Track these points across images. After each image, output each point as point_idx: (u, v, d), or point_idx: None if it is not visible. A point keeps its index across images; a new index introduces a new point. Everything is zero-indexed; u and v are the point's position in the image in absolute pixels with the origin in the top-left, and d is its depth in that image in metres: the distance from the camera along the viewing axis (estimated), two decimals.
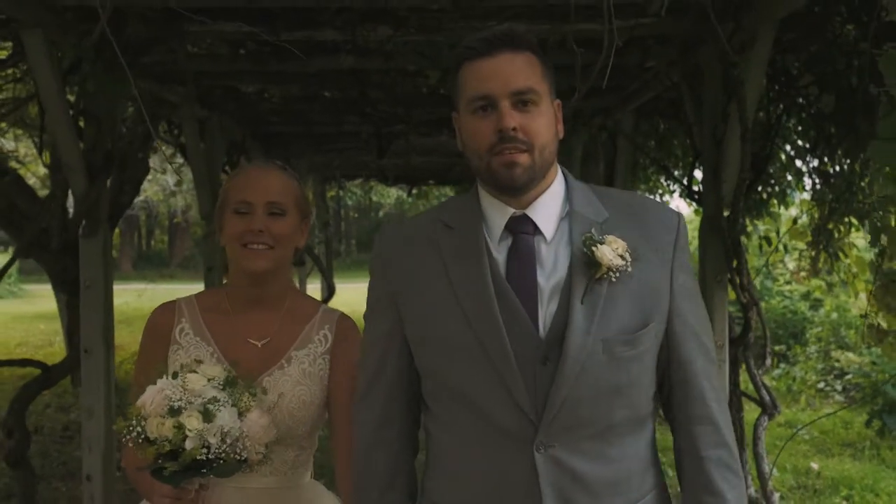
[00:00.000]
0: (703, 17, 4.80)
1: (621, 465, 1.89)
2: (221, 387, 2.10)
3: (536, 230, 1.90)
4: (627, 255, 1.83)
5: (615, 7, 3.94)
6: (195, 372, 2.13)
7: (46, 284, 24.79)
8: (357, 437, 2.07)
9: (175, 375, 2.11)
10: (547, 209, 1.92)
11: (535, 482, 1.83)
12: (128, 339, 12.15)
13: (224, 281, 8.97)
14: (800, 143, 6.51)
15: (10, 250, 28.86)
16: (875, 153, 2.24)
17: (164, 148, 10.05)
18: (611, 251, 1.82)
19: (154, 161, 11.89)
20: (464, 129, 1.92)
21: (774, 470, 6.25)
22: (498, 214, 1.92)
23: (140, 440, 2.01)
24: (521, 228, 1.90)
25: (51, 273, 9.57)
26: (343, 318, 2.44)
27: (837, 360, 9.40)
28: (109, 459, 5.32)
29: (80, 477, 6.67)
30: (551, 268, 1.88)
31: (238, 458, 2.06)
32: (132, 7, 4.63)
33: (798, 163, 6.56)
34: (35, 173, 12.83)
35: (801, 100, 5.69)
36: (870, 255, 4.60)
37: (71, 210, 7.67)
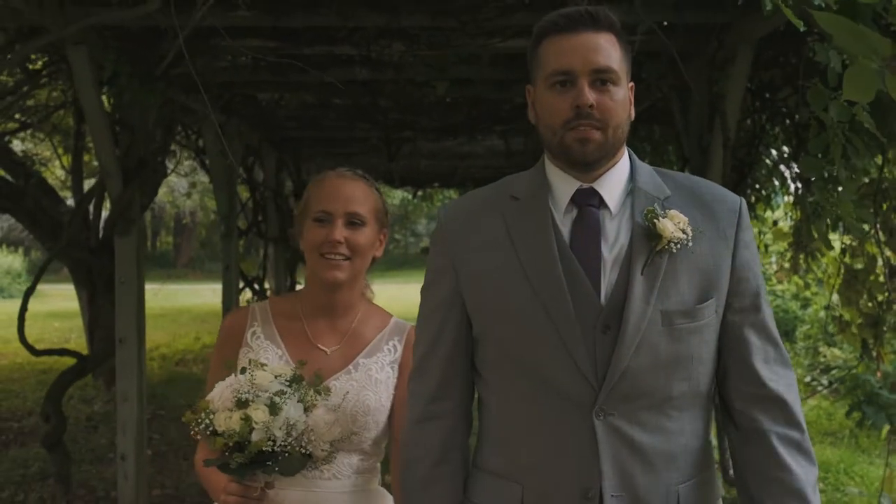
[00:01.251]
0: (689, 36, 5.26)
1: (679, 439, 1.89)
2: (288, 383, 2.13)
3: (602, 203, 1.92)
4: (689, 230, 1.86)
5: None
6: (263, 369, 2.16)
7: (55, 284, 25.26)
8: (410, 410, 2.06)
9: (243, 371, 2.15)
10: (613, 184, 1.94)
11: (595, 449, 1.85)
12: (151, 335, 12.56)
13: (240, 285, 9.34)
14: (785, 149, 6.94)
15: (21, 250, 29.39)
16: (804, 165, 2.63)
17: (183, 153, 10.52)
18: (672, 224, 1.85)
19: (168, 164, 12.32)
20: (539, 103, 1.93)
21: None
22: (565, 186, 1.94)
23: (208, 433, 2.06)
24: (588, 201, 1.92)
25: (74, 272, 10.00)
26: (414, 329, 2.36)
27: (824, 356, 9.82)
28: (141, 441, 5.76)
29: (107, 461, 7.16)
30: (614, 240, 1.90)
31: (303, 451, 2.10)
32: (180, 27, 5.04)
33: (782, 168, 6.97)
34: (52, 174, 13.23)
35: (784, 109, 6.11)
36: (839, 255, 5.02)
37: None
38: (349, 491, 2.33)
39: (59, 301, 21.20)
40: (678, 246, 1.85)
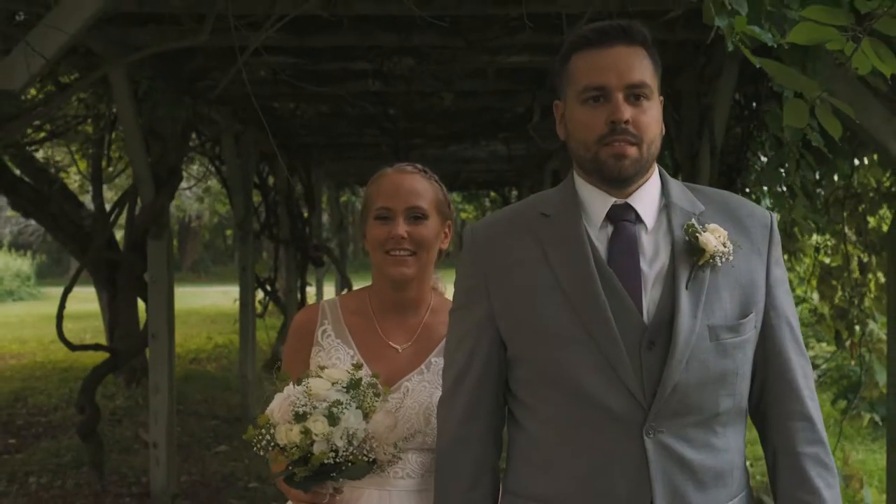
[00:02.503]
0: (680, 52, 5.70)
1: (725, 456, 1.86)
2: (345, 390, 2.09)
3: (638, 218, 1.89)
4: (729, 244, 1.83)
5: None
6: (319, 377, 2.13)
7: (60, 287, 25.64)
8: (441, 434, 2.02)
9: (299, 382, 2.12)
10: (647, 199, 1.90)
11: (645, 468, 1.80)
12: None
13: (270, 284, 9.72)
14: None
15: (29, 254, 29.81)
16: (764, 177, 3.04)
17: (200, 159, 10.96)
18: (714, 238, 1.82)
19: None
20: (571, 119, 1.89)
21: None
22: (598, 203, 1.90)
23: (271, 447, 2.04)
24: (623, 216, 1.88)
25: (94, 274, 10.41)
26: None
27: (811, 349, 10.22)
28: (172, 429, 6.19)
29: (133, 451, 7.59)
30: (652, 255, 1.87)
31: (367, 459, 2.07)
32: (214, 47, 5.47)
33: None
34: (69, 179, 13.65)
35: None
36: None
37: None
38: (422, 489, 2.27)
39: (70, 304, 21.56)
40: (722, 260, 1.83)
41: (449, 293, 2.34)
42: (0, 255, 28.69)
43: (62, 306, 6.44)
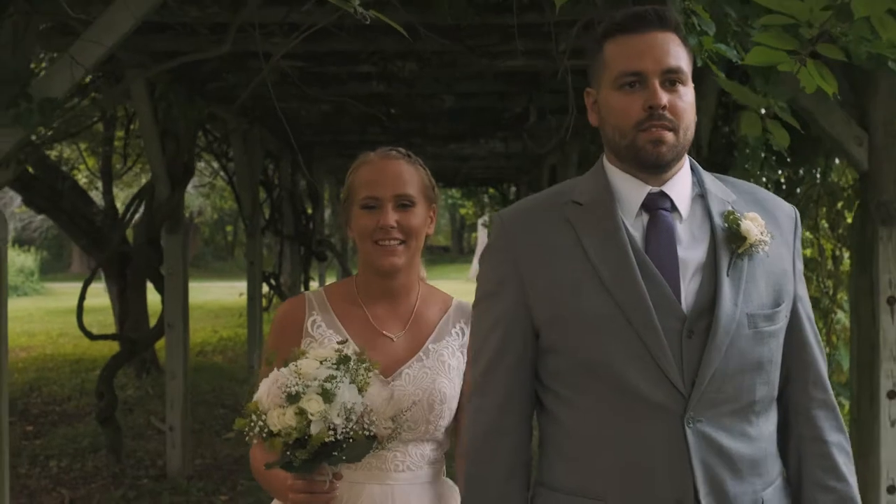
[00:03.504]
0: None
1: (760, 444, 1.85)
2: (335, 366, 1.99)
3: (673, 207, 1.87)
4: (766, 233, 1.84)
5: None
6: (305, 357, 2.03)
7: (63, 283, 25.92)
8: (475, 425, 1.96)
9: (285, 365, 2.01)
10: (681, 188, 1.89)
11: (686, 457, 1.78)
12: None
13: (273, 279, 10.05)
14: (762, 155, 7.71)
15: (32, 249, 30.12)
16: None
17: (206, 157, 11.27)
18: (755, 227, 1.82)
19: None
20: (606, 105, 1.86)
21: None
22: (633, 191, 1.88)
23: (264, 434, 1.94)
24: (659, 205, 1.86)
25: (105, 268, 10.74)
26: None
27: None
28: (187, 413, 6.54)
29: (146, 437, 7.93)
30: (690, 244, 1.85)
31: (367, 433, 1.98)
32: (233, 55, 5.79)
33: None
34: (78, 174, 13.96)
35: None
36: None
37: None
38: (423, 482, 2.24)
39: (69, 299, 21.88)
40: (764, 248, 1.83)
41: (432, 281, 2.37)
42: None
43: (82, 298, 6.79)
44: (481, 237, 32.02)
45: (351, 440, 1.94)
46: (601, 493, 1.83)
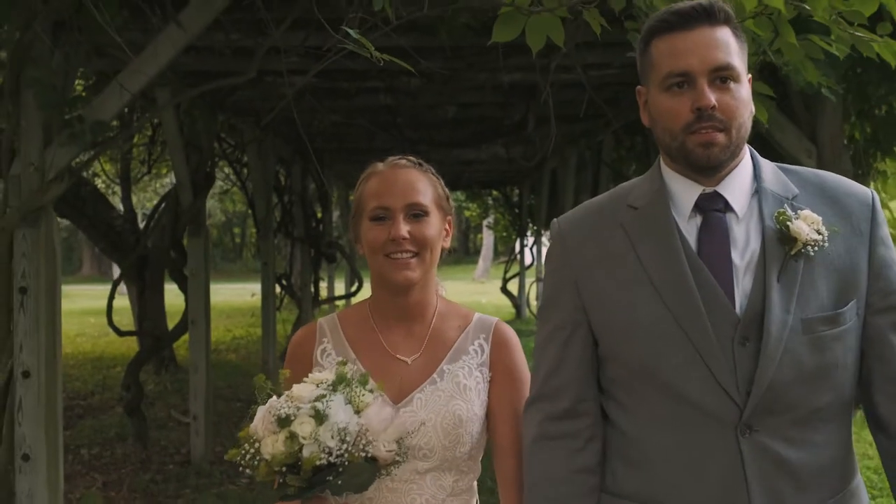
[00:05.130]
0: None
1: (827, 452, 1.77)
2: (331, 388, 1.90)
3: (727, 207, 1.80)
4: (823, 230, 1.74)
5: (590, 64, 5.69)
6: (303, 381, 1.94)
7: (75, 285, 26.34)
8: (531, 432, 1.92)
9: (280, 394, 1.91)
10: (737, 186, 1.81)
11: (740, 468, 1.72)
12: None
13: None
14: None
15: None
16: None
17: (222, 164, 11.79)
18: (806, 226, 1.74)
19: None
20: (655, 106, 1.81)
21: None
22: (686, 192, 1.82)
23: (256, 462, 1.85)
24: (712, 206, 1.80)
25: (125, 270, 11.26)
26: (500, 324, 2.20)
27: None
28: (209, 404, 7.04)
29: (168, 428, 8.43)
30: (744, 245, 1.79)
31: (364, 455, 1.85)
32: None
33: None
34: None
35: None
36: None
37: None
38: None
39: (85, 300, 22.40)
40: (815, 248, 1.74)
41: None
42: None
43: (111, 298, 7.29)
44: (486, 238, 32.55)
45: (347, 463, 1.83)
46: (659, 501, 1.80)
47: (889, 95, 5.13)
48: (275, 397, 1.89)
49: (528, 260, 18.85)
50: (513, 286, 18.34)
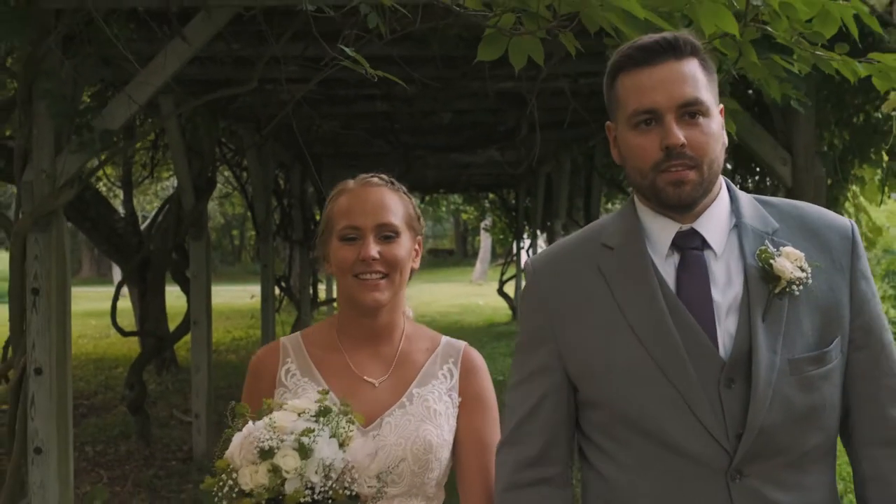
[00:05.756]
0: None
1: (816, 494, 1.73)
2: (314, 419, 1.85)
3: (705, 244, 1.76)
4: (806, 267, 1.70)
5: (581, 72, 5.92)
6: (283, 409, 1.88)
7: (74, 287, 26.36)
8: (502, 477, 1.87)
9: (259, 418, 1.86)
10: (715, 222, 1.77)
11: None
12: None
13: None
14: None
15: None
16: None
17: (221, 168, 12.00)
18: (790, 264, 1.69)
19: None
20: (624, 144, 1.76)
21: None
22: (662, 230, 1.78)
23: (234, 495, 1.78)
24: (690, 244, 1.76)
25: (126, 272, 11.46)
26: (469, 349, 2.17)
27: None
28: (211, 402, 7.24)
29: (170, 426, 8.63)
30: (725, 283, 1.74)
31: (348, 493, 1.82)
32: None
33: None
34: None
35: None
36: None
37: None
38: None
39: (85, 302, 22.57)
40: (800, 287, 1.69)
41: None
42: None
43: (115, 299, 7.49)
44: (484, 241, 32.77)
45: (331, 500, 1.79)
46: None
47: (866, 104, 5.36)
48: (251, 423, 1.84)
49: (524, 262, 19.03)
50: (509, 288, 18.55)
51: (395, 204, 2.10)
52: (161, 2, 4.14)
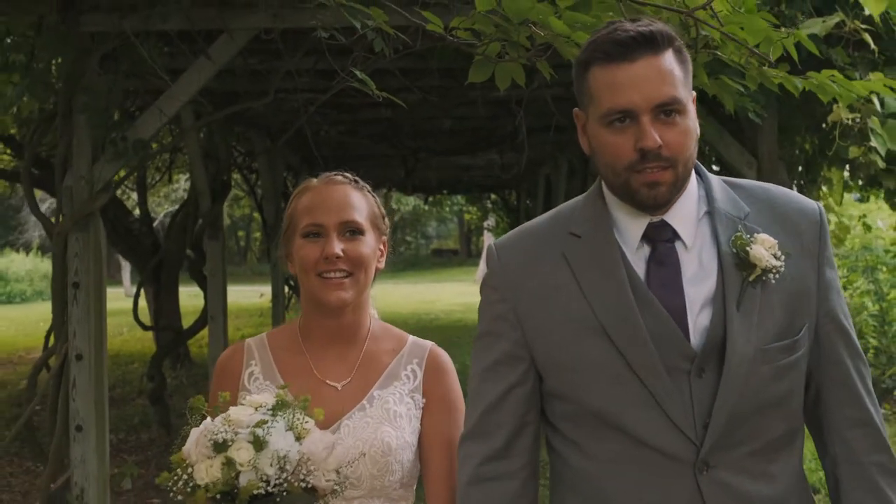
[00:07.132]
0: None
1: (783, 482, 1.72)
2: (272, 413, 1.83)
3: (676, 235, 1.72)
4: (781, 254, 1.68)
5: (571, 81, 6.40)
6: (241, 404, 1.87)
7: None
8: (465, 470, 1.81)
9: (217, 414, 1.84)
10: (684, 212, 1.73)
11: None
12: None
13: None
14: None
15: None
16: None
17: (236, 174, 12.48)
18: (765, 251, 1.67)
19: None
20: (595, 139, 1.70)
21: None
22: (632, 222, 1.73)
23: (189, 489, 1.77)
24: (661, 236, 1.72)
25: (143, 272, 11.95)
26: (435, 349, 2.14)
27: None
28: None
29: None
30: (696, 273, 1.71)
31: (304, 485, 1.80)
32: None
33: None
34: None
35: None
36: None
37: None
38: None
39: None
40: (775, 275, 1.67)
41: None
42: (30, 258, 30.40)
43: (137, 296, 7.98)
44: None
45: (286, 493, 1.78)
46: None
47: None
48: (209, 419, 1.83)
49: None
50: None
51: (360, 202, 2.08)
52: (188, 24, 4.61)
